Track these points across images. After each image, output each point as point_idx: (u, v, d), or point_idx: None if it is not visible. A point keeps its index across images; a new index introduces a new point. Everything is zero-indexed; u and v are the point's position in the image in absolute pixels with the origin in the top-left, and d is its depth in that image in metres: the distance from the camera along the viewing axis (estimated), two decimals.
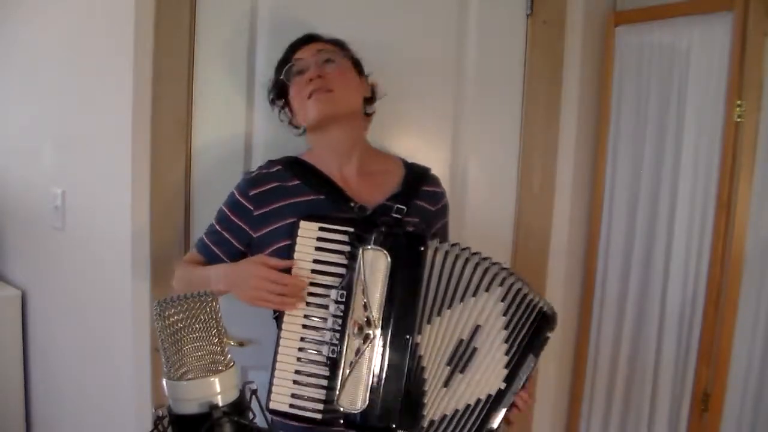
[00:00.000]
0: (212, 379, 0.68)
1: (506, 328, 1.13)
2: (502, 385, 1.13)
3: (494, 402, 1.13)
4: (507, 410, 1.14)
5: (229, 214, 1.26)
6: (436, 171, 1.38)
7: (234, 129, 1.55)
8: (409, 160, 1.37)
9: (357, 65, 1.32)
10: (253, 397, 0.73)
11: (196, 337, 0.68)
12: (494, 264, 1.14)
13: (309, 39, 1.29)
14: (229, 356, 0.71)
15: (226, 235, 1.26)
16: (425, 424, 1.10)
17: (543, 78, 1.58)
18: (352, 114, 1.27)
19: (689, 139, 1.49)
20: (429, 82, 1.56)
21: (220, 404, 0.68)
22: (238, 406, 0.70)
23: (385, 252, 1.09)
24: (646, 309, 1.59)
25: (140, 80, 1.48)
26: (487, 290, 1.12)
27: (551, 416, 1.71)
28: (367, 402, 1.08)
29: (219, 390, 0.69)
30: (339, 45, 1.30)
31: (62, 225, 1.82)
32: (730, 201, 1.42)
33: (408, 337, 1.09)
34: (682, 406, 1.52)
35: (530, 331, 1.14)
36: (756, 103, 1.38)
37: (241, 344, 1.51)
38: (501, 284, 1.13)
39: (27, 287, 2.09)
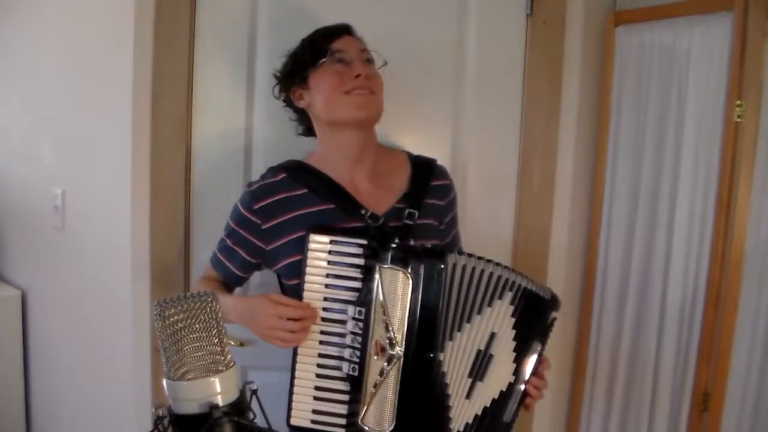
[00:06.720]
0: (212, 379, 0.68)
1: (514, 327, 1.13)
2: (511, 379, 1.14)
3: (505, 397, 1.13)
4: (520, 401, 1.15)
5: (237, 228, 1.21)
6: None
7: (234, 128, 1.55)
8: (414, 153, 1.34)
9: None
10: (254, 397, 0.73)
11: (196, 337, 0.68)
12: (503, 268, 1.13)
13: (344, 30, 1.23)
14: (229, 356, 0.71)
15: (238, 249, 1.22)
16: None
17: (543, 78, 1.58)
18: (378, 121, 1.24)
19: (689, 139, 1.49)
20: (429, 82, 1.57)
21: (221, 404, 0.68)
22: (239, 406, 0.70)
23: (405, 272, 1.06)
24: (646, 309, 1.59)
25: (140, 80, 1.48)
26: (500, 298, 1.12)
27: (551, 416, 1.71)
28: (394, 423, 1.06)
29: (219, 390, 0.68)
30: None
31: (62, 225, 1.82)
32: (730, 201, 1.42)
33: (431, 355, 1.07)
34: (682, 406, 1.52)
35: (534, 321, 1.15)
36: (756, 103, 1.38)
37: (241, 344, 1.51)
38: (510, 288, 1.13)
39: (27, 287, 2.09)
